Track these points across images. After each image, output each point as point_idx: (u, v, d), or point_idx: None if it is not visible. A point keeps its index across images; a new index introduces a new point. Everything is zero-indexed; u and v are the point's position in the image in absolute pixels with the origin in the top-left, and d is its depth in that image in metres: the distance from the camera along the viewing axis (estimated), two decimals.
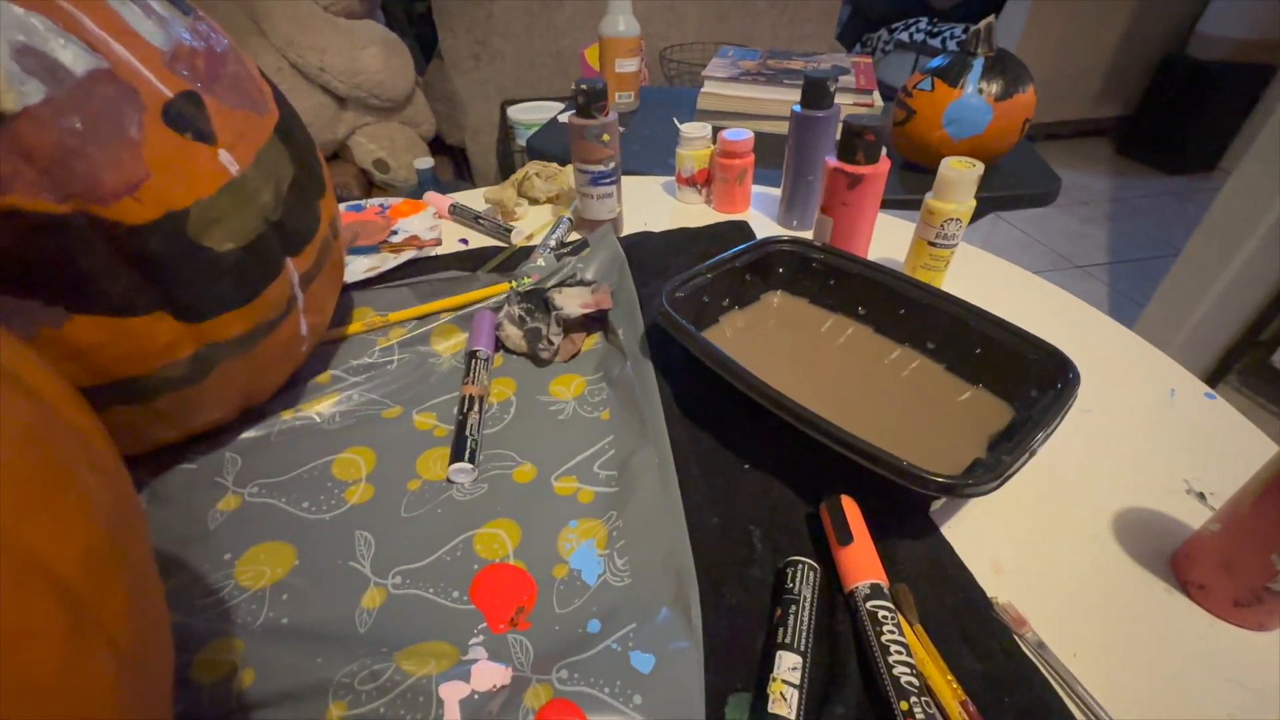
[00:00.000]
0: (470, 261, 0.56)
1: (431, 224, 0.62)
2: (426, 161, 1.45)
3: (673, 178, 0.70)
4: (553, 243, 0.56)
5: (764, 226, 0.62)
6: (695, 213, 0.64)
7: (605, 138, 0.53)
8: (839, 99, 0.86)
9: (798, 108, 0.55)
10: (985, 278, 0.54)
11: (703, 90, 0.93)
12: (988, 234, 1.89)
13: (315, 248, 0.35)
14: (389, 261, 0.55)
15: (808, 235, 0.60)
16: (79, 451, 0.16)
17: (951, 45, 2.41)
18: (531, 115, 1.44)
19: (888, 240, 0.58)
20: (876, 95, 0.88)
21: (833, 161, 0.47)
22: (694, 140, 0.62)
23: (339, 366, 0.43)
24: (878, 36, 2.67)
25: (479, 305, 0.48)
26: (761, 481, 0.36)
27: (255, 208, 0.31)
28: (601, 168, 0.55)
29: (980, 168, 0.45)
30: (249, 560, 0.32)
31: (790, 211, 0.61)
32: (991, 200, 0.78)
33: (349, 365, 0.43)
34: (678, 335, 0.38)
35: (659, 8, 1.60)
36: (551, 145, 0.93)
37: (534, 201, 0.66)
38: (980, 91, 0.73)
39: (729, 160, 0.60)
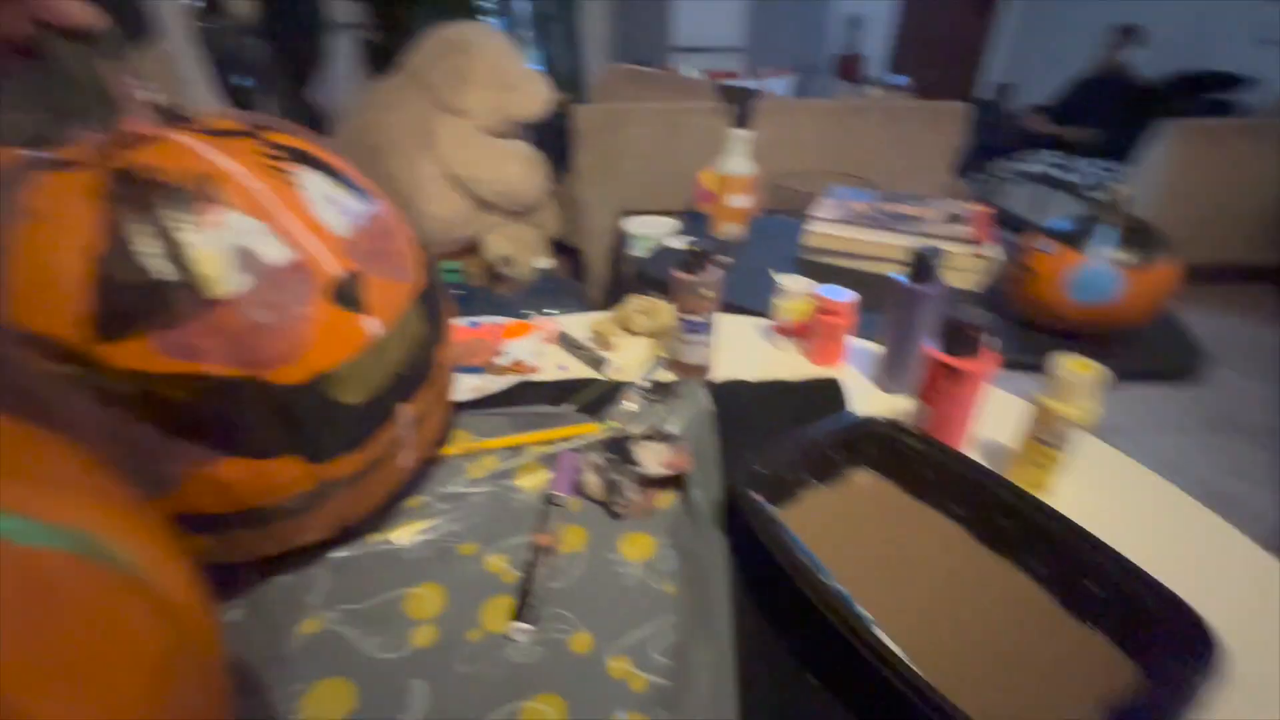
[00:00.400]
0: (565, 392, 0.58)
1: (537, 349, 0.66)
2: (546, 262, 1.58)
3: (770, 320, 0.70)
4: (644, 383, 0.58)
5: (860, 386, 0.60)
6: (789, 362, 0.64)
7: (706, 293, 0.55)
8: (952, 246, 0.85)
9: (901, 278, 0.55)
10: (1107, 479, 0.48)
11: (808, 229, 0.95)
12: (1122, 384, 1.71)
13: (427, 392, 0.39)
14: (493, 384, 0.59)
15: (904, 395, 0.58)
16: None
17: (1081, 180, 2.31)
18: (646, 228, 1.53)
19: (995, 416, 0.54)
20: (993, 249, 0.86)
21: (933, 350, 0.46)
22: (792, 293, 0.63)
23: (430, 492, 0.46)
24: (1000, 165, 2.63)
25: (566, 444, 0.50)
26: (830, 709, 0.33)
27: (386, 364, 0.35)
28: (699, 319, 0.56)
29: (1103, 373, 0.41)
30: (314, 697, 0.33)
31: (890, 377, 0.59)
32: (1119, 371, 0.72)
33: (439, 492, 0.46)
34: (755, 524, 0.37)
35: (778, 139, 1.68)
36: (659, 271, 0.98)
37: (632, 333, 0.69)
38: (1111, 260, 0.69)
39: (827, 318, 0.60)
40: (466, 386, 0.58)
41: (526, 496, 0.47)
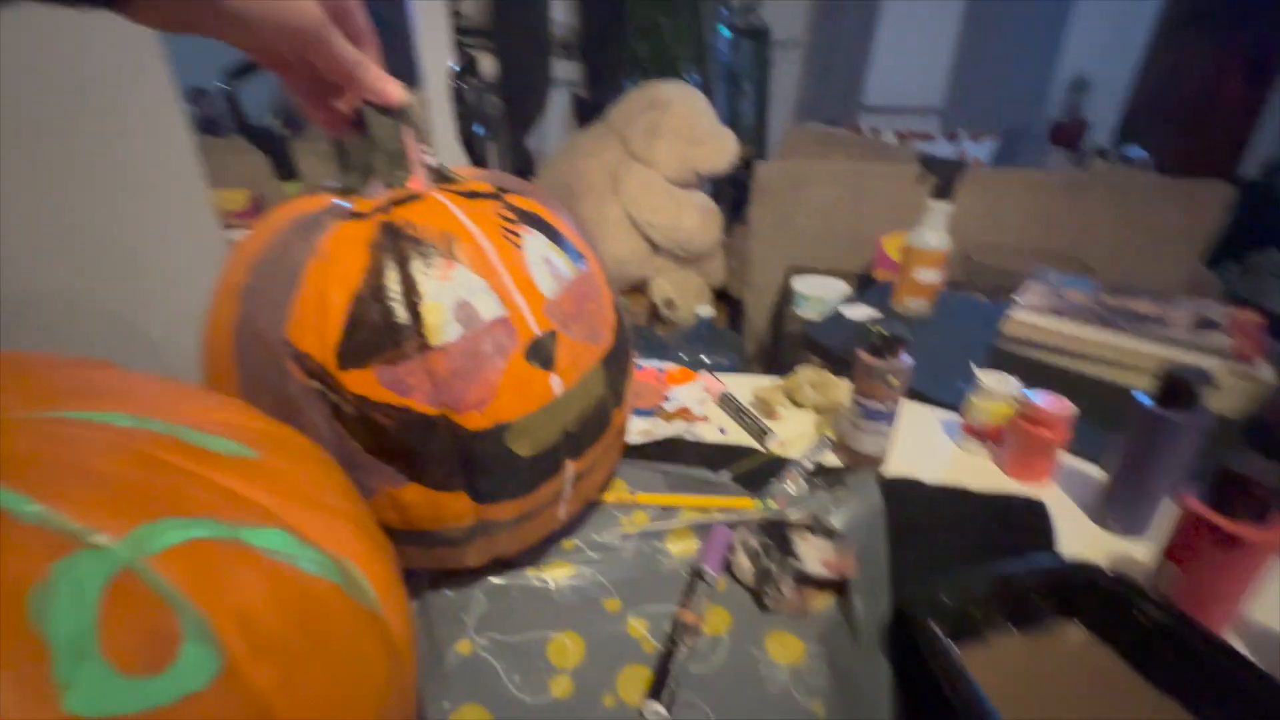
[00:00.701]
0: (723, 457, 0.57)
1: (701, 397, 0.65)
2: (708, 310, 1.59)
3: (958, 417, 0.63)
4: (808, 464, 0.55)
5: (1070, 515, 0.51)
6: (979, 469, 0.57)
7: (893, 380, 0.51)
8: (1204, 360, 0.70)
9: (1144, 398, 0.46)
10: None
11: (1011, 315, 0.85)
12: None
13: (595, 451, 0.40)
14: (661, 428, 0.59)
15: (1134, 541, 0.48)
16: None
17: None
18: (814, 289, 1.49)
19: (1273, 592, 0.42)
20: (1266, 369, 0.69)
21: (1196, 502, 0.37)
22: (993, 393, 0.55)
23: (584, 537, 0.47)
24: (1266, 256, 2.16)
25: (720, 517, 0.49)
26: None
27: (561, 423, 0.36)
28: (880, 406, 0.52)
29: None
30: (459, 719, 0.35)
31: (1115, 515, 0.49)
32: None
33: (592, 539, 0.47)
34: (932, 661, 0.32)
35: (978, 208, 1.55)
36: (829, 339, 0.93)
37: (798, 405, 0.66)
38: None
39: (1035, 428, 0.52)
40: (635, 429, 0.59)
41: (674, 563, 0.46)
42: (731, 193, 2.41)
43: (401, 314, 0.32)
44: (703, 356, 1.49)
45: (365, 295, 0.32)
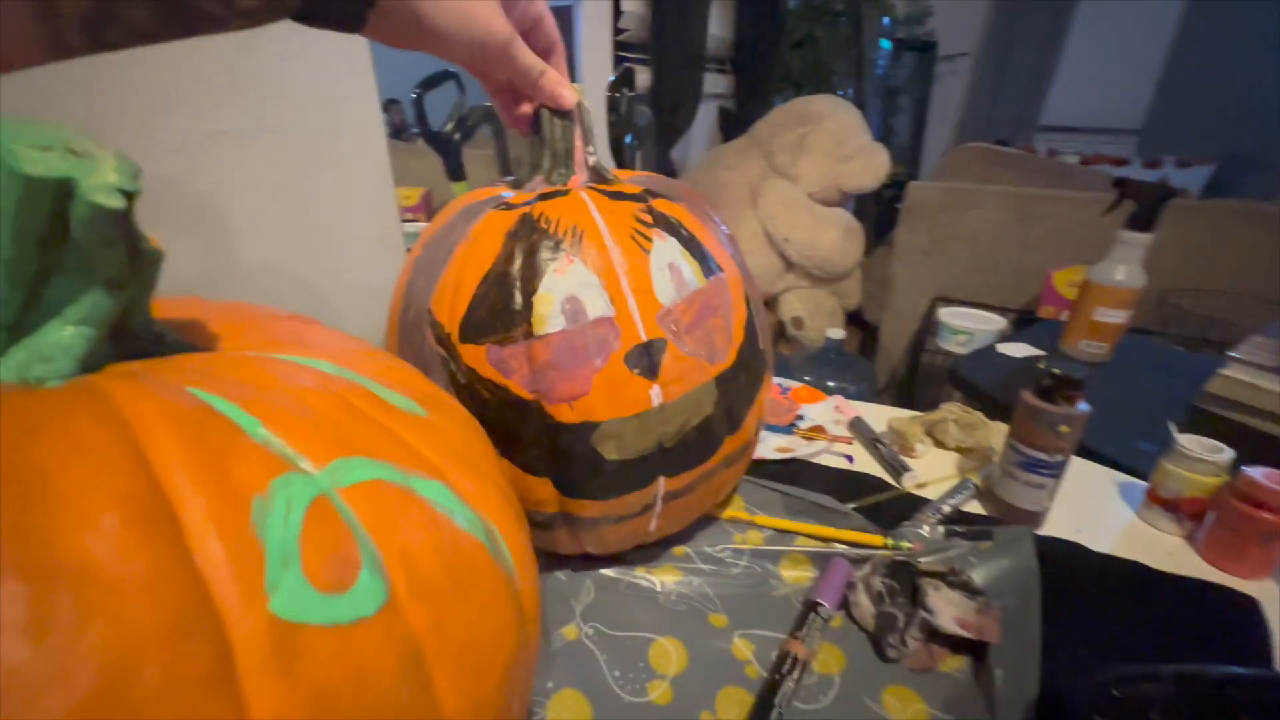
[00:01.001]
0: (849, 487, 0.54)
1: (835, 418, 0.62)
2: (838, 332, 1.52)
3: (1140, 483, 0.54)
4: (947, 508, 0.50)
5: None
6: (1165, 547, 0.48)
7: (1064, 429, 0.45)
8: None
9: None
10: None
11: (1223, 372, 0.71)
12: None
13: (694, 475, 0.39)
14: (801, 447, 0.57)
15: None
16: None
17: None
18: (964, 321, 1.36)
19: None
20: None
21: None
22: (1196, 461, 0.47)
23: (695, 547, 0.46)
24: None
25: (842, 550, 0.46)
26: None
27: (654, 435, 0.36)
28: (1043, 456, 0.46)
29: None
30: (559, 700, 0.36)
31: None
32: None
33: (704, 550, 0.46)
34: None
35: (1180, 246, 1.33)
36: (980, 376, 0.85)
37: (939, 444, 0.60)
38: None
39: (1252, 510, 0.43)
40: (771, 445, 0.58)
41: (786, 590, 0.44)
42: (876, 212, 2.29)
43: (517, 300, 0.33)
44: (829, 381, 1.42)
45: (491, 278, 0.34)
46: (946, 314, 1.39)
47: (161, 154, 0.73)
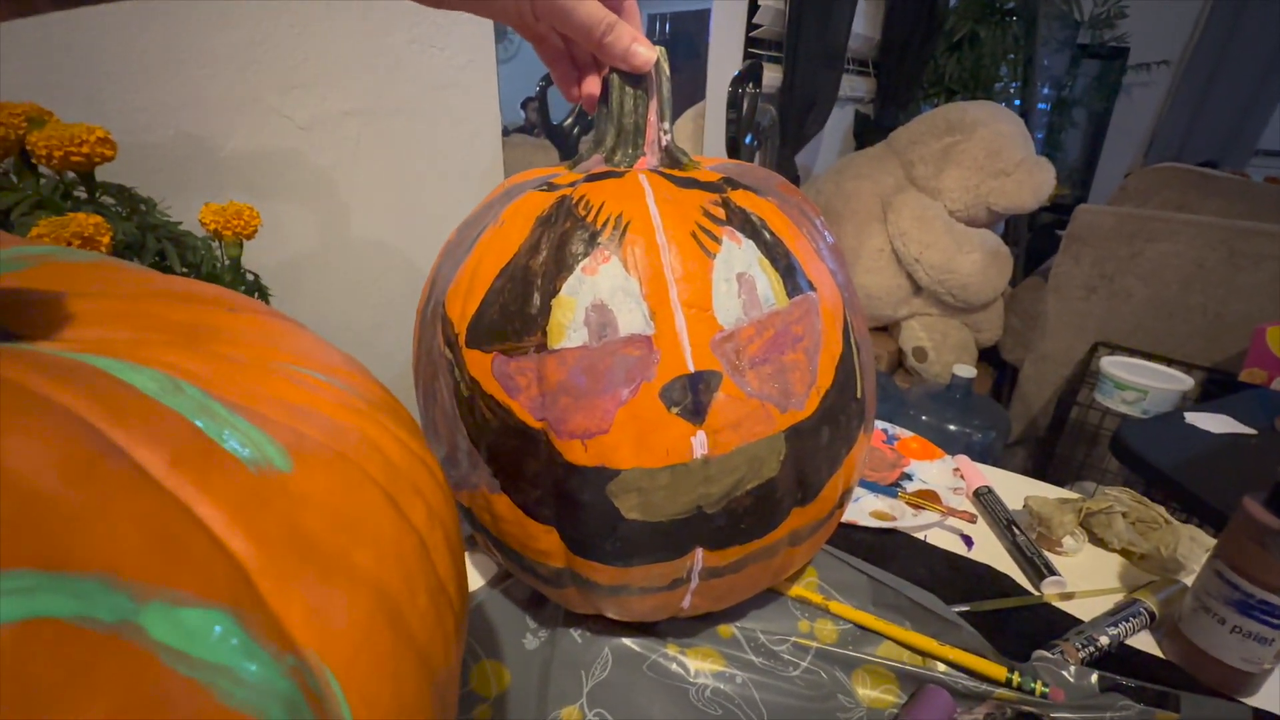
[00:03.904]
0: (964, 581, 0.41)
1: (953, 483, 0.49)
2: (968, 370, 1.31)
3: None
4: (1105, 639, 0.35)
5: None
6: None
7: None
8: None
9: None
10: None
11: None
12: None
13: (745, 552, 0.29)
14: (904, 515, 0.45)
15: None
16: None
17: None
18: (1134, 375, 1.10)
19: None
20: None
21: None
22: None
23: (746, 628, 0.36)
24: None
25: (942, 672, 0.34)
26: None
27: (692, 496, 0.26)
28: (1276, 601, 0.31)
29: None
30: None
31: None
32: None
33: (755, 637, 0.36)
34: None
35: None
36: (1156, 450, 0.65)
37: (1098, 541, 0.45)
38: None
39: None
40: (866, 508, 0.46)
41: (858, 713, 0.33)
42: (1029, 237, 1.98)
43: (535, 302, 0.26)
44: (950, 425, 1.22)
45: (509, 271, 0.27)
46: (1112, 364, 1.14)
47: (293, 129, 0.75)
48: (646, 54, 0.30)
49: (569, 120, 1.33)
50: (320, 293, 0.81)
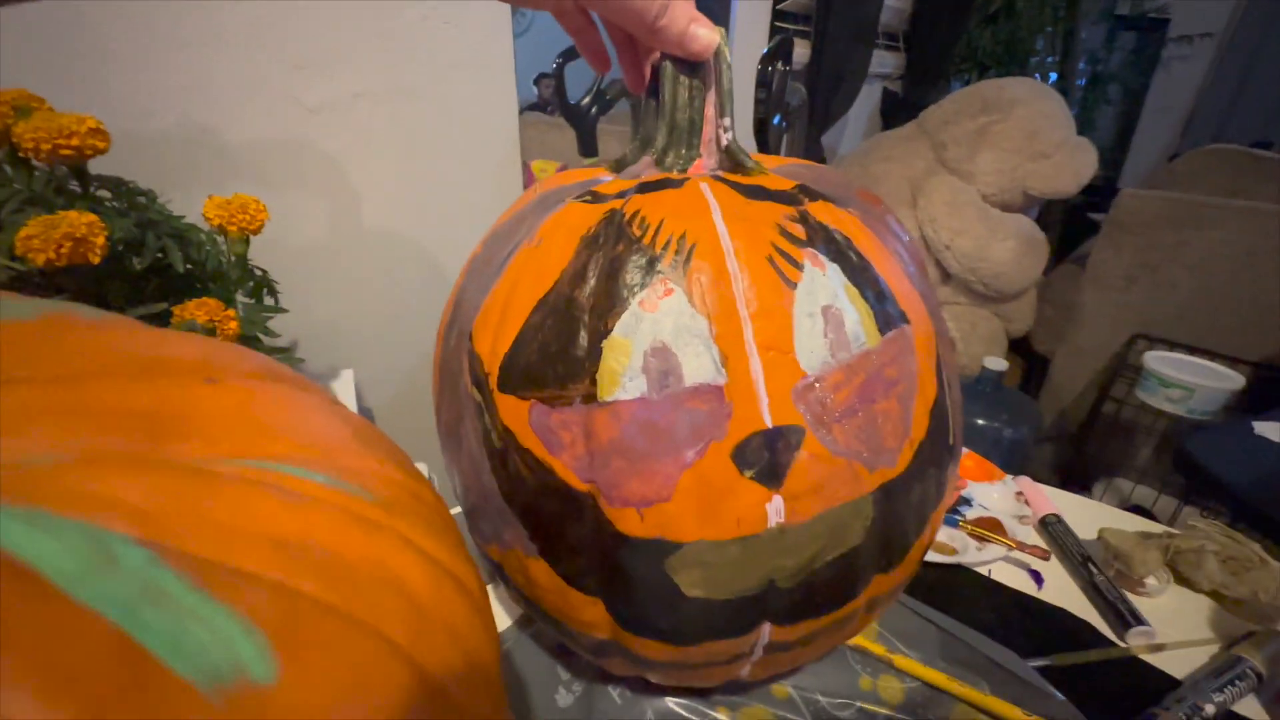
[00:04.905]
0: (1037, 627, 0.37)
1: (1018, 510, 0.45)
2: (999, 362, 1.25)
3: None
4: (1211, 708, 0.31)
5: None
6: None
7: None
8: None
9: None
10: None
11: None
12: None
13: (818, 625, 0.25)
14: (969, 550, 0.41)
15: None
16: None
17: None
18: (1181, 372, 1.04)
19: None
20: None
21: None
22: None
23: (802, 687, 0.32)
24: None
25: None
26: None
27: (764, 570, 0.22)
28: None
29: None
30: None
31: None
32: None
33: (813, 698, 0.32)
34: None
35: None
36: (1224, 464, 0.60)
37: (1184, 581, 0.41)
38: None
39: None
40: None
41: None
42: (1062, 223, 1.89)
43: (581, 342, 0.21)
44: (979, 419, 1.17)
45: (551, 302, 0.22)
46: (1156, 360, 1.08)
47: (302, 113, 0.71)
48: (707, 37, 0.25)
49: (587, 99, 1.27)
50: (330, 285, 0.77)
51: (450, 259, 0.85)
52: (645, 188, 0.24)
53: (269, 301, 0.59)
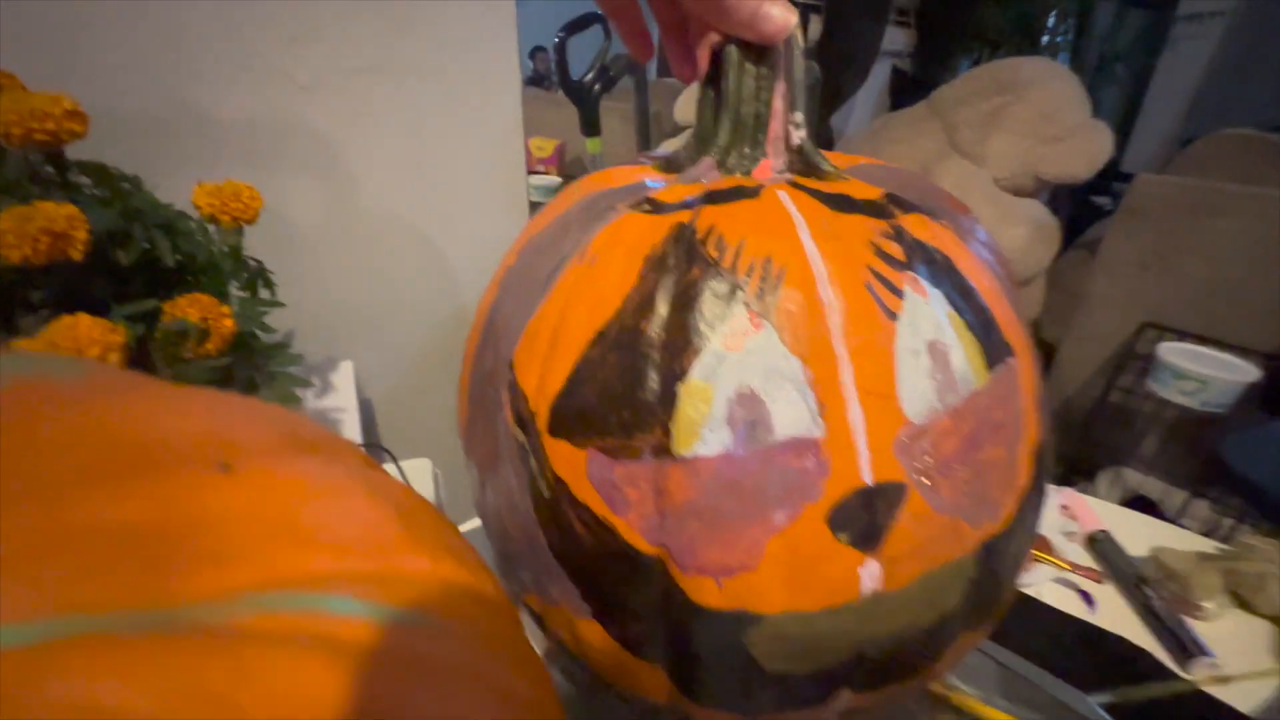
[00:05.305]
0: (1093, 656, 0.35)
1: (1064, 525, 0.42)
2: None
3: None
4: None
5: None
6: None
7: None
8: None
9: None
10: None
11: None
12: None
13: (901, 688, 0.22)
14: (1037, 575, 0.38)
15: None
16: None
17: None
18: (1195, 364, 1.02)
19: None
20: None
21: None
22: None
23: None
24: None
25: None
26: None
27: (854, 640, 0.19)
28: None
29: None
30: None
31: None
32: None
33: None
34: None
35: None
36: (1268, 473, 0.58)
37: (1243, 605, 0.39)
38: None
39: None
40: None
41: None
42: (1070, 207, 1.86)
43: (651, 384, 0.18)
44: None
45: (612, 335, 0.19)
46: (1170, 351, 1.06)
47: (294, 91, 0.66)
48: (782, 17, 0.21)
49: (589, 75, 1.21)
50: (326, 272, 0.73)
51: (452, 242, 0.81)
52: (715, 197, 0.21)
53: (265, 294, 0.55)
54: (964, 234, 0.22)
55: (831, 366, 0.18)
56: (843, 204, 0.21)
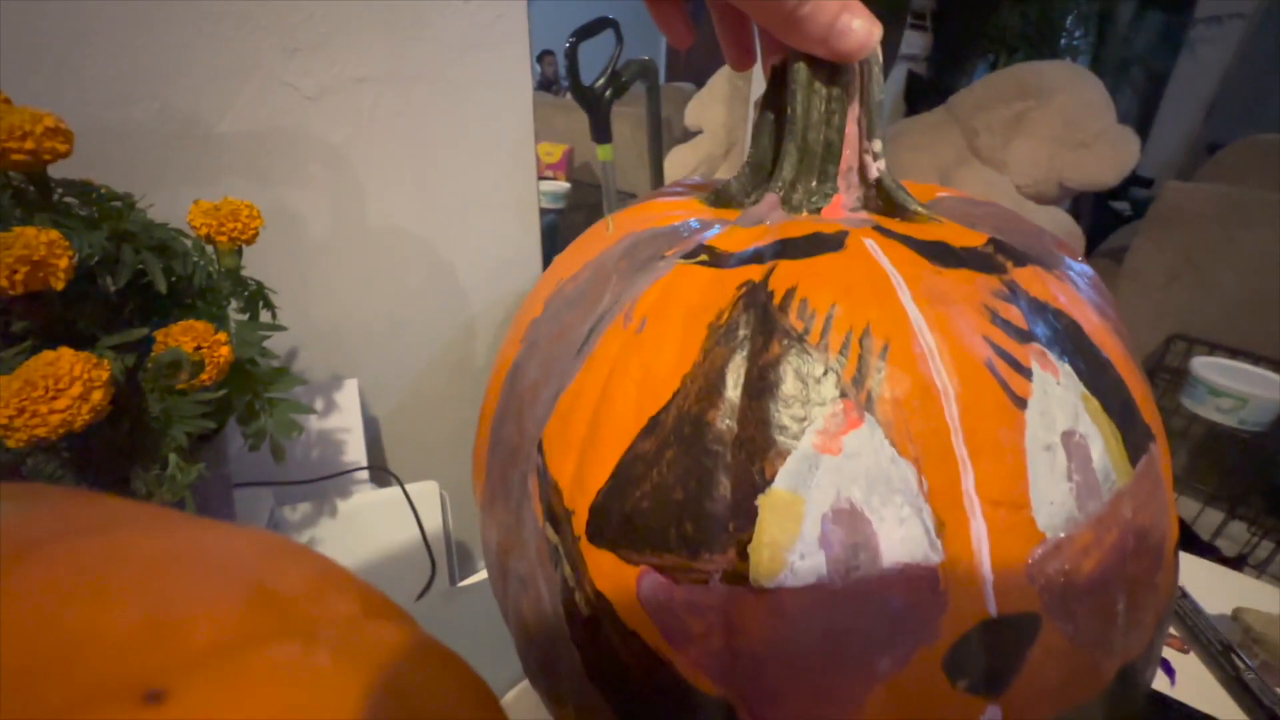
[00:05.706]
0: None
1: None
2: None
3: None
4: None
5: None
6: None
7: None
8: None
9: None
10: None
11: None
12: None
13: None
14: None
15: None
16: None
17: None
18: (1234, 381, 0.97)
19: None
20: None
21: None
22: None
23: None
24: None
25: None
26: None
27: None
28: None
29: None
30: None
31: None
32: None
33: None
34: None
35: None
36: None
37: None
38: None
39: None
40: None
41: None
42: (1091, 215, 1.81)
43: (722, 492, 0.14)
44: None
45: (669, 425, 0.15)
46: (1205, 366, 1.01)
47: (298, 101, 0.62)
48: (864, 32, 0.17)
49: (601, 81, 1.18)
50: (331, 288, 0.69)
51: (461, 256, 0.78)
52: (791, 249, 0.17)
53: (265, 317, 0.51)
54: (1080, 287, 0.19)
55: (951, 471, 0.14)
56: (942, 254, 0.17)
